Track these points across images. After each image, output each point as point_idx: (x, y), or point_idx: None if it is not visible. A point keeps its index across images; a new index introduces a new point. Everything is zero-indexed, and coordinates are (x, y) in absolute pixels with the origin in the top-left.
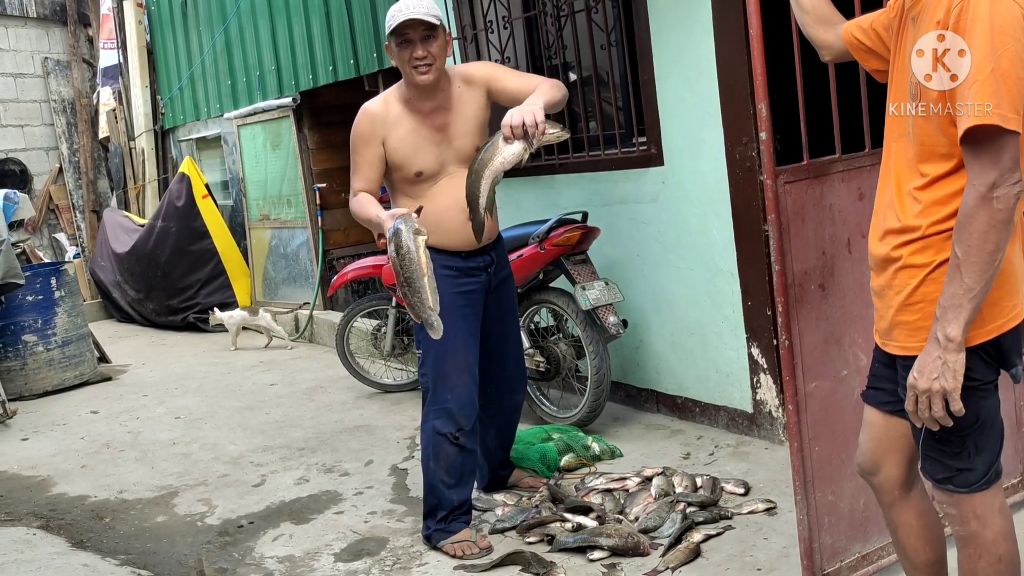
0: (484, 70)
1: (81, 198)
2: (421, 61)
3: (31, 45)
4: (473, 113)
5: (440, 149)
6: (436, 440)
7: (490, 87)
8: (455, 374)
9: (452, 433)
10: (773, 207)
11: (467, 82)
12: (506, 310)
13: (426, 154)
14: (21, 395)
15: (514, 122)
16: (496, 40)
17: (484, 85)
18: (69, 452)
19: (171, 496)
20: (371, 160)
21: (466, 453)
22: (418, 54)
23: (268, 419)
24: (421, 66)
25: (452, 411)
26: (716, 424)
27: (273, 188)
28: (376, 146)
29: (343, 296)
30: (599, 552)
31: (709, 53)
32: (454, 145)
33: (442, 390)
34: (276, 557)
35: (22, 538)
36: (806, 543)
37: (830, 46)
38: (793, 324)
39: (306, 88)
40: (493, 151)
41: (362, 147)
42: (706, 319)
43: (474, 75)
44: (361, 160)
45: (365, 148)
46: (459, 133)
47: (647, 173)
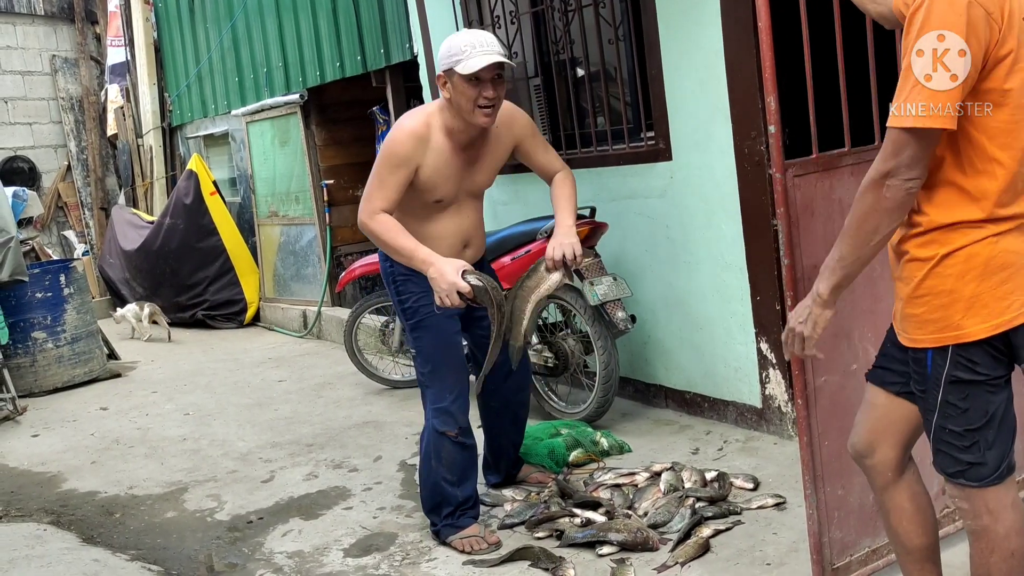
0: (526, 125)
1: (89, 195)
2: (489, 103)
3: (39, 43)
4: (501, 155)
5: (462, 179)
6: (437, 440)
7: (521, 144)
8: (450, 375)
9: (452, 432)
10: (782, 201)
11: (504, 126)
12: None
13: (451, 184)
14: (31, 392)
15: (556, 256)
16: (504, 35)
17: (519, 139)
18: (79, 448)
19: (181, 492)
20: (400, 181)
21: (467, 450)
22: (489, 95)
23: (277, 415)
24: (488, 108)
25: (451, 410)
26: (725, 419)
27: (282, 185)
28: (410, 168)
29: (351, 292)
30: (608, 547)
31: (718, 47)
32: (475, 179)
33: (439, 390)
34: (285, 552)
35: (33, 534)
36: (815, 537)
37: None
38: None
39: (314, 85)
40: (538, 279)
41: (396, 166)
42: (715, 314)
43: (516, 123)
44: (391, 179)
45: (398, 168)
46: (483, 169)
47: (655, 168)
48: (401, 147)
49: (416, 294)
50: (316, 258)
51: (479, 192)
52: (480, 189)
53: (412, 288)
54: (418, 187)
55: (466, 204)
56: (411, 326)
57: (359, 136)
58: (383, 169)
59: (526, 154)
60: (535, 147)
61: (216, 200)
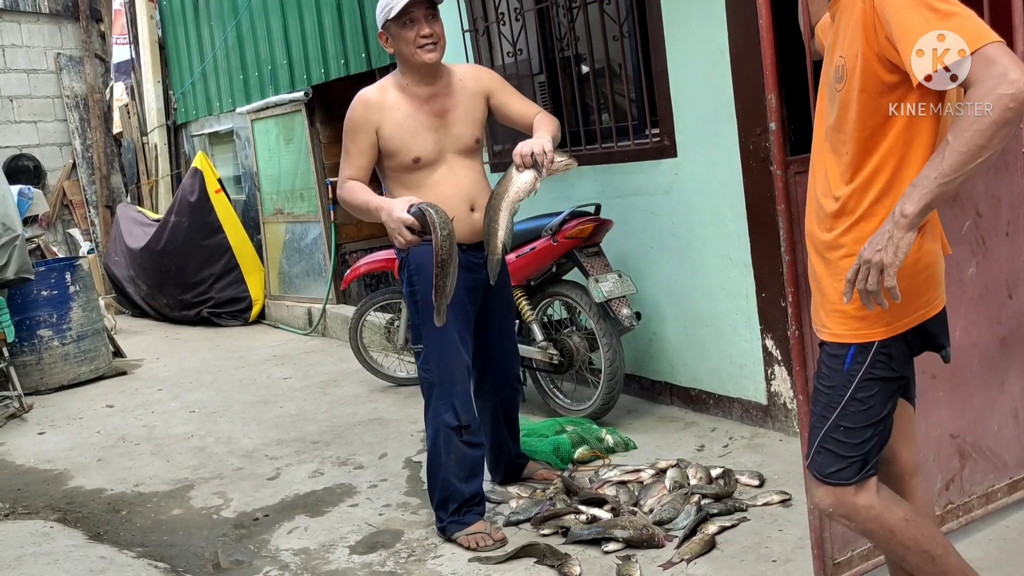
0: (493, 78)
1: (94, 193)
2: (428, 39)
3: (44, 41)
4: (472, 105)
5: (439, 135)
6: (447, 434)
7: (492, 96)
8: (457, 370)
9: (461, 427)
10: (783, 197)
11: (469, 78)
12: (505, 304)
13: (424, 139)
14: (37, 389)
15: (524, 151)
16: (508, 32)
17: (486, 91)
18: (85, 446)
19: (187, 489)
20: (363, 147)
21: (475, 446)
22: (424, 32)
23: (282, 413)
24: (428, 44)
25: (458, 406)
26: (730, 416)
27: (287, 182)
28: (369, 133)
29: (356, 290)
30: (614, 544)
31: (723, 43)
32: (453, 132)
33: (447, 385)
34: (291, 549)
35: (40, 531)
36: (816, 532)
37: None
38: (804, 314)
39: (318, 82)
40: (507, 182)
41: (354, 133)
42: (720, 311)
43: (482, 75)
44: (353, 147)
45: (357, 135)
46: (458, 120)
47: (660, 165)
48: (354, 112)
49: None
50: (321, 255)
51: (466, 148)
52: (465, 144)
53: (425, 282)
54: (390, 150)
55: (457, 164)
56: (421, 320)
57: None
58: (346, 140)
59: (501, 107)
60: (509, 98)
61: (221, 198)
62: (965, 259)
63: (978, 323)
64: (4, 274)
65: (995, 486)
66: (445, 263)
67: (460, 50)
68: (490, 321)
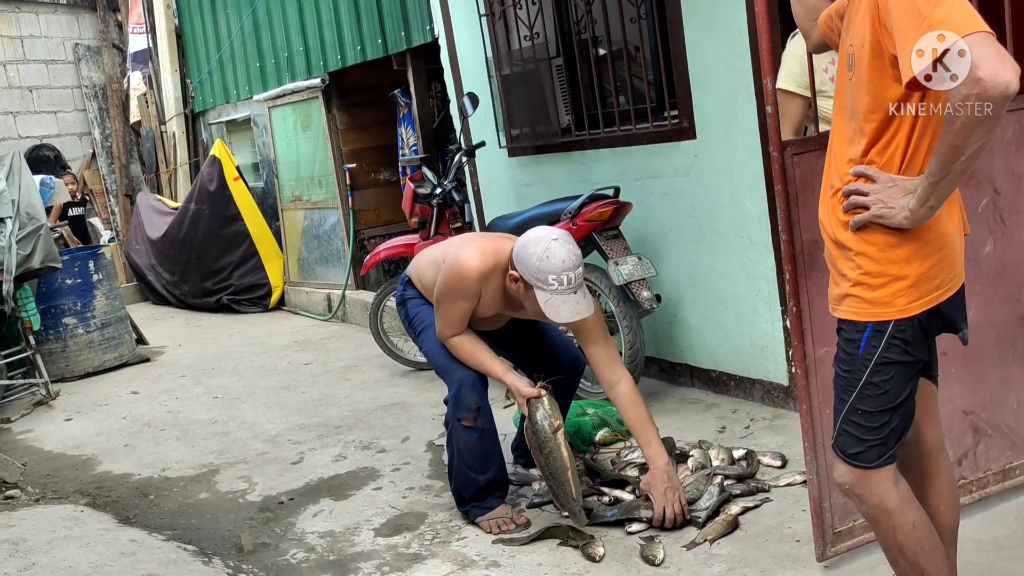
0: None
1: (114, 183)
2: None
3: (62, 31)
4: None
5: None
6: (454, 429)
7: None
8: (458, 367)
9: (465, 418)
10: (780, 179)
11: None
12: None
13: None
14: (63, 377)
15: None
16: (525, 16)
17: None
18: (112, 432)
19: (212, 474)
20: (465, 313)
21: (483, 436)
22: None
23: (304, 398)
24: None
25: (461, 398)
26: (751, 397)
27: (305, 169)
28: (474, 301)
29: (375, 275)
30: (637, 525)
31: (741, 24)
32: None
33: (449, 382)
34: (317, 532)
35: (71, 515)
36: (816, 502)
37: (810, 35)
38: (802, 292)
39: (335, 69)
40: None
41: (461, 300)
42: (740, 292)
43: None
44: (457, 310)
45: (464, 301)
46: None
47: (679, 147)
48: (467, 284)
49: (417, 305)
50: (340, 242)
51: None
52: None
53: (415, 304)
54: None
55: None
56: (416, 332)
57: (381, 119)
58: (448, 300)
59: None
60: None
61: (240, 185)
62: (982, 237)
63: (995, 301)
64: (30, 263)
65: (1013, 463)
66: (555, 475)
67: (477, 34)
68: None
